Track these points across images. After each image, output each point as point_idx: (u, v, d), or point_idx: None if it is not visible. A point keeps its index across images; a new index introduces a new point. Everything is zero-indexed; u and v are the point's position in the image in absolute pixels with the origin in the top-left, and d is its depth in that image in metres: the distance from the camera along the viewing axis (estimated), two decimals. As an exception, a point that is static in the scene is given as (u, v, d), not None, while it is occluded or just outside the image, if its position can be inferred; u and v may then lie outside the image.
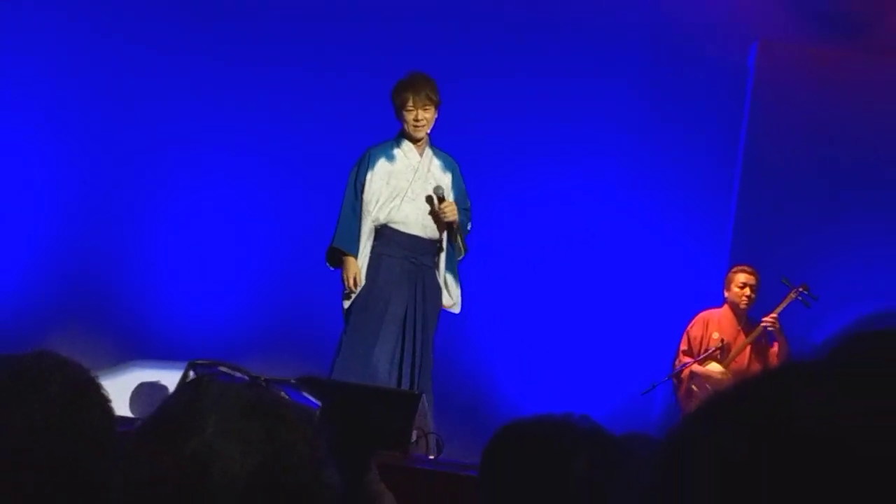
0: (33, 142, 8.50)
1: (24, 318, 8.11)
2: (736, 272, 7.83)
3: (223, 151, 8.61)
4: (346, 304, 6.52)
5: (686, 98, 8.88)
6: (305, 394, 5.16)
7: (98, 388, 1.70)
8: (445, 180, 6.65)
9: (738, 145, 8.92)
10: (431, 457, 5.71)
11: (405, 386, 6.37)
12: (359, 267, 6.48)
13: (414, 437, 5.25)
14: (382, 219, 6.56)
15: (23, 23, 8.52)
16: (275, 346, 8.15)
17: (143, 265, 8.49)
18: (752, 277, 7.75)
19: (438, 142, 6.78)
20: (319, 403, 4.99)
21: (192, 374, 5.41)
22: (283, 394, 1.53)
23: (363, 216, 6.53)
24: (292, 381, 5.58)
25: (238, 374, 5.34)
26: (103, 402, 1.69)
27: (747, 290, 7.72)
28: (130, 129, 8.53)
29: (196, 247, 8.54)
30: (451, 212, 6.52)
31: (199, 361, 5.53)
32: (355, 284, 6.46)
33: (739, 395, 0.77)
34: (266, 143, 8.63)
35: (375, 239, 6.56)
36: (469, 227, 6.79)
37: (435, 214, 6.58)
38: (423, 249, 6.60)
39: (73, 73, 8.53)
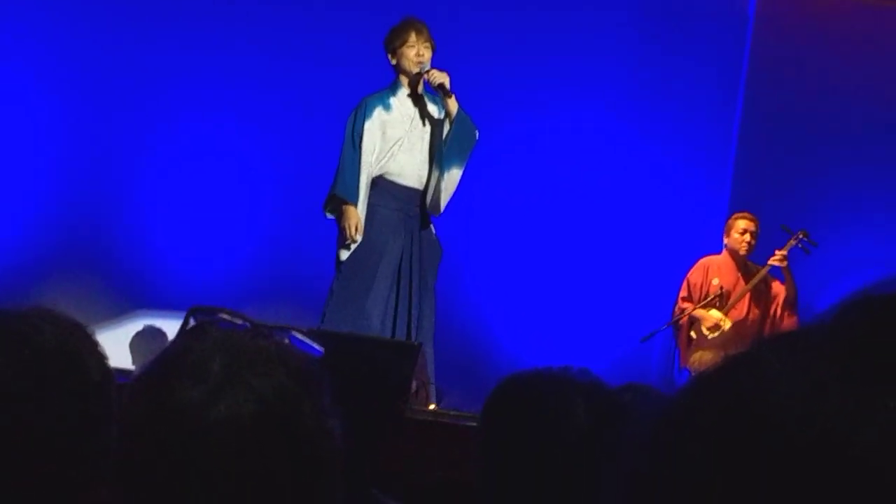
0: (30, 91, 8.45)
1: (20, 271, 8.10)
2: (736, 219, 7.83)
3: (222, 99, 8.56)
4: (345, 254, 6.47)
5: (685, 46, 8.81)
6: (308, 341, 5.15)
7: (94, 343, 1.69)
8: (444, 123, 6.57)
9: (738, 94, 8.87)
10: (432, 406, 5.74)
11: (400, 336, 6.34)
12: (360, 217, 6.43)
13: (413, 388, 5.26)
14: (379, 170, 6.51)
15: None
16: (274, 295, 8.15)
17: (140, 216, 8.47)
18: (752, 224, 7.74)
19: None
20: (322, 351, 4.97)
21: (192, 320, 5.37)
22: (285, 341, 1.53)
23: (362, 166, 6.47)
24: (293, 328, 5.55)
25: (240, 322, 5.30)
26: (99, 357, 1.68)
27: (747, 237, 7.72)
28: (128, 76, 8.48)
29: (194, 196, 8.52)
30: (437, 74, 6.40)
31: (200, 308, 5.47)
32: (356, 233, 6.41)
33: (738, 367, 0.75)
34: (266, 91, 8.58)
35: (371, 189, 6.50)
36: (475, 136, 6.64)
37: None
38: (418, 201, 6.55)
39: (71, 17, 8.47)
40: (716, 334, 7.65)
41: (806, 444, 0.70)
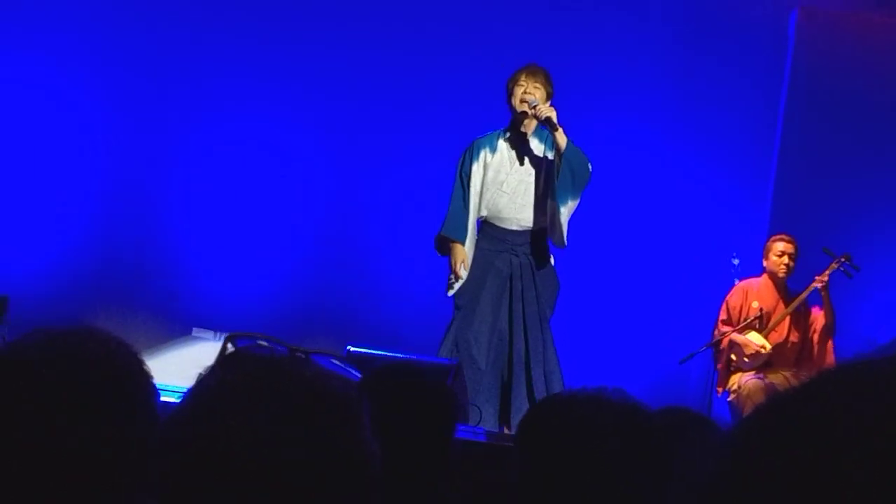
0: (69, 123, 8.52)
1: (62, 294, 8.15)
2: (774, 241, 7.79)
3: (263, 128, 8.61)
4: (450, 292, 6.62)
5: (726, 63, 8.80)
6: (348, 366, 5.17)
7: (139, 360, 1.72)
8: (549, 156, 6.61)
9: (778, 114, 8.85)
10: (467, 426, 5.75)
11: (516, 369, 6.49)
12: (466, 254, 6.58)
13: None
14: (483, 212, 6.63)
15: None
16: (314, 317, 8.18)
17: (182, 239, 8.52)
18: (790, 246, 7.70)
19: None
20: (360, 376, 5.00)
21: (230, 347, 5.42)
22: (322, 367, 1.53)
23: (470, 207, 6.61)
24: (331, 353, 5.59)
25: (277, 347, 5.32)
26: (144, 375, 1.71)
27: (785, 259, 7.68)
28: (165, 105, 8.54)
29: (236, 218, 8.56)
30: (544, 108, 6.46)
31: (237, 334, 5.53)
32: (463, 269, 6.56)
33: (803, 401, 0.74)
34: (308, 119, 8.62)
35: (479, 232, 6.66)
36: (589, 169, 6.62)
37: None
38: (520, 241, 6.63)
39: (107, 52, 8.54)
40: (757, 360, 7.62)
41: (874, 482, 0.69)
